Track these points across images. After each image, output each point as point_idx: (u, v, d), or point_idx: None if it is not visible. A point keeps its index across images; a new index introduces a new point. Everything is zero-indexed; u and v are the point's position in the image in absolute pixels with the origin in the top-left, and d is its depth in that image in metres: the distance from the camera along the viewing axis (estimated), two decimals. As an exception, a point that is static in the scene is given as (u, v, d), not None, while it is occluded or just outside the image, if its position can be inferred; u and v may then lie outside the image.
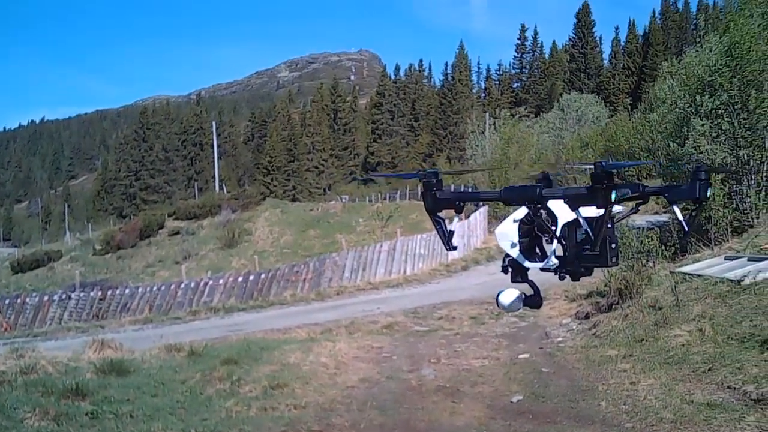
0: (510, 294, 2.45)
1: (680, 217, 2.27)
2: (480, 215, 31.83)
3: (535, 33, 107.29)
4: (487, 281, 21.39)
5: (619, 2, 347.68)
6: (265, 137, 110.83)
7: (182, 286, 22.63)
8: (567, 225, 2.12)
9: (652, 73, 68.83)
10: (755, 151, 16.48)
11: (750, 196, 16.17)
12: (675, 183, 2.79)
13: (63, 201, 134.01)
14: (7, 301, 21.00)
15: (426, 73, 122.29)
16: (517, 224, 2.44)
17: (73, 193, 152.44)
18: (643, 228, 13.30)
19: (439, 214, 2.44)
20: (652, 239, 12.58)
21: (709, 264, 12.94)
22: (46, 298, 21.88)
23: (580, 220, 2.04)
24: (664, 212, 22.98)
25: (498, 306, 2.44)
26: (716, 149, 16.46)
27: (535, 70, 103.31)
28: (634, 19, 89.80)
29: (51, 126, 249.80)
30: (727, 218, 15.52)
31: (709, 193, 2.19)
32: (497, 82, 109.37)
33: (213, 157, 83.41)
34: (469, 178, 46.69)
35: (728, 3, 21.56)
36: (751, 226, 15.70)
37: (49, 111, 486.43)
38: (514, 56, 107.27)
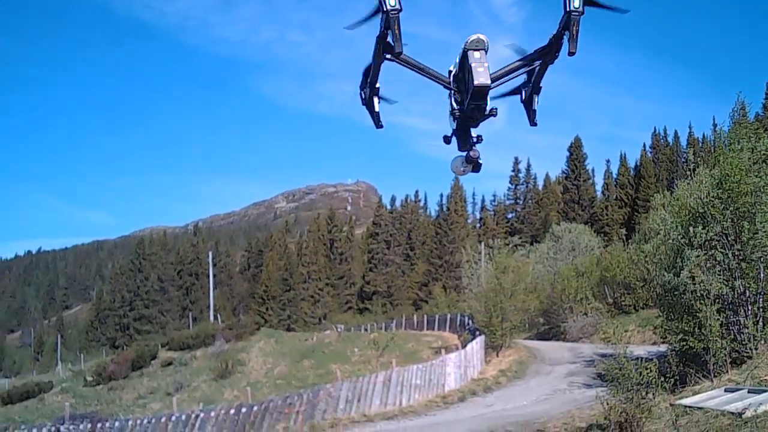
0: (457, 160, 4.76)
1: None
2: (477, 345, 31.55)
3: (528, 165, 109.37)
4: (484, 413, 21.01)
5: (610, 137, 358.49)
6: (261, 267, 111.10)
7: (173, 419, 22.13)
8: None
9: (644, 204, 69.87)
10: (751, 281, 16.52)
11: (747, 327, 16.10)
12: None
13: (56, 331, 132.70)
14: (-7, 435, 20.56)
15: (422, 204, 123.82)
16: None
17: (67, 323, 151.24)
18: (642, 359, 13.17)
19: None
20: (651, 370, 12.42)
21: (709, 396, 12.77)
22: (34, 430, 21.44)
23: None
24: (662, 343, 22.81)
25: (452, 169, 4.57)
26: (712, 280, 16.49)
27: (529, 201, 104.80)
28: (625, 152, 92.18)
29: (47, 256, 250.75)
30: (725, 349, 15.40)
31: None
32: (492, 213, 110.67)
33: (209, 287, 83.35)
34: (466, 306, 46.60)
35: (718, 137, 22.16)
36: (750, 357, 15.56)
37: (46, 241, 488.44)
38: (509, 187, 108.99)
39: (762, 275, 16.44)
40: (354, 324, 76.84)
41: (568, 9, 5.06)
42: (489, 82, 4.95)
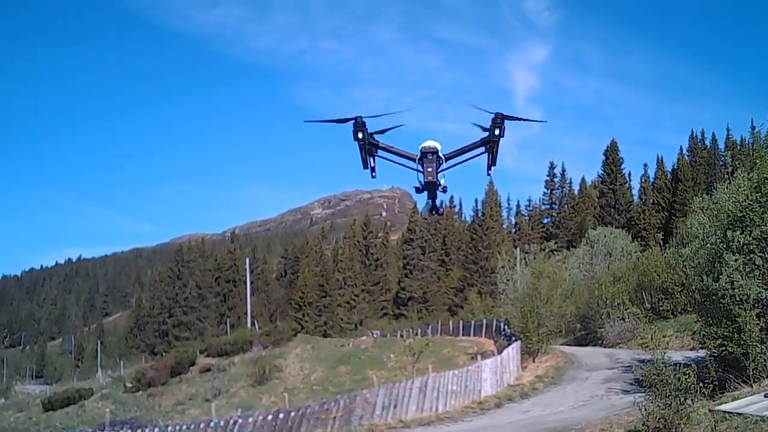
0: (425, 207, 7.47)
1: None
2: (513, 350, 31.37)
3: (563, 170, 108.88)
4: (521, 419, 20.90)
5: (646, 140, 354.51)
6: (298, 273, 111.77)
7: (211, 424, 22.34)
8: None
9: (682, 208, 69.09)
10: (790, 285, 16.34)
11: (787, 332, 15.91)
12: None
13: (96, 338, 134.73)
14: (36, 440, 20.89)
15: (456, 209, 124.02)
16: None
17: (107, 330, 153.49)
18: (680, 364, 13.06)
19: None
20: (689, 376, 12.32)
21: (749, 402, 12.63)
22: (75, 436, 21.81)
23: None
24: (701, 348, 22.54)
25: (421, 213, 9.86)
26: (751, 284, 16.32)
27: (565, 206, 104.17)
28: (662, 156, 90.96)
29: (87, 264, 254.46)
30: (765, 354, 15.22)
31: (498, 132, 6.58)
32: (527, 218, 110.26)
33: (246, 294, 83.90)
34: (501, 312, 46.37)
35: (755, 140, 21.93)
36: (790, 362, 15.35)
37: (86, 249, 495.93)
38: (544, 192, 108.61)
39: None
40: (390, 330, 76.90)
41: (490, 138, 7.38)
42: (434, 179, 7.51)
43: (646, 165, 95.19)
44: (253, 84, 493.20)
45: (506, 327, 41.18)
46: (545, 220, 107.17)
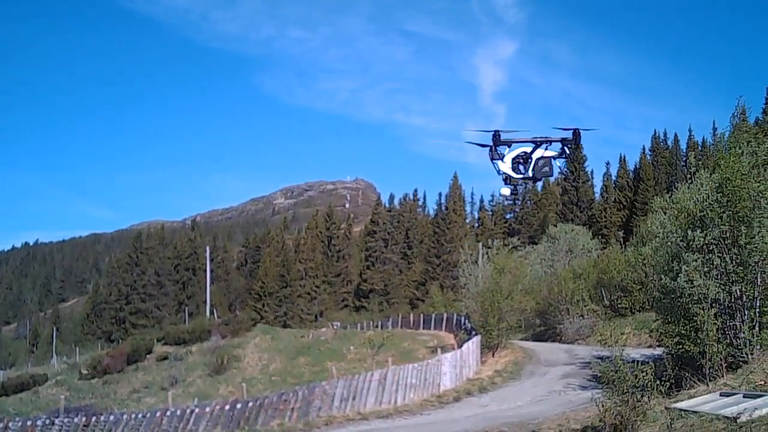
0: (505, 189, 10.66)
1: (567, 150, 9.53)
2: (473, 344, 31.51)
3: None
4: (479, 413, 20.99)
5: (610, 139, 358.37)
6: (259, 263, 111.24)
7: (168, 413, 22.07)
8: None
9: (643, 207, 70.04)
10: (747, 286, 16.52)
11: (744, 332, 16.11)
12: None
13: (52, 324, 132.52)
14: (-12, 426, 20.43)
15: (420, 203, 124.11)
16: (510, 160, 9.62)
17: (63, 316, 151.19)
18: (638, 362, 13.14)
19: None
20: (646, 373, 12.41)
21: (704, 400, 12.77)
22: (29, 423, 21.29)
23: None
24: (658, 346, 22.82)
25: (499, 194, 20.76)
26: (709, 284, 16.50)
27: (528, 202, 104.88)
28: (624, 154, 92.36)
29: (44, 248, 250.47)
30: (721, 354, 15.40)
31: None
32: (490, 213, 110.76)
33: (205, 282, 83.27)
34: (462, 306, 46.57)
35: (718, 141, 22.17)
36: (746, 362, 15.57)
37: (43, 233, 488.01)
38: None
39: (759, 280, 16.44)
40: (350, 322, 76.89)
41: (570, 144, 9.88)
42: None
43: (608, 163, 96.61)
44: (218, 71, 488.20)
45: (467, 321, 41.37)
46: (508, 216, 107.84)
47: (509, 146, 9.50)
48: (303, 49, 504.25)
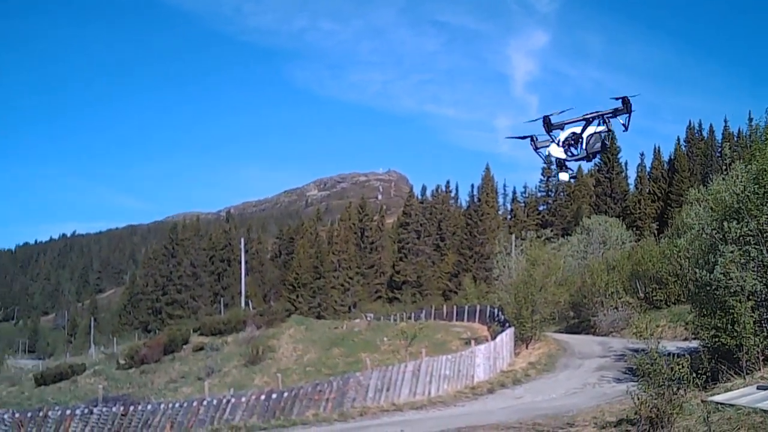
0: (563, 174, 10.07)
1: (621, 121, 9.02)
2: (506, 336, 31.47)
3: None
4: (513, 405, 20.99)
5: (644, 129, 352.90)
6: (292, 254, 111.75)
7: (204, 403, 22.38)
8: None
9: (678, 198, 69.18)
10: (785, 278, 16.38)
11: (781, 324, 15.98)
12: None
13: (89, 314, 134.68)
14: (29, 415, 20.78)
15: (453, 194, 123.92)
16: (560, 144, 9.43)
17: (100, 306, 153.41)
18: (674, 354, 13.09)
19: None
20: (683, 366, 12.36)
21: (741, 393, 12.70)
22: (68, 412, 21.65)
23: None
24: (694, 338, 22.64)
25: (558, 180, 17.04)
26: (746, 276, 16.35)
27: (561, 194, 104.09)
28: (659, 145, 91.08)
29: (82, 240, 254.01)
30: (758, 346, 15.29)
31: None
32: (523, 204, 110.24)
33: (240, 273, 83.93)
34: (496, 298, 46.51)
35: (754, 132, 21.90)
36: (784, 355, 15.44)
37: (81, 225, 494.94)
38: (540, 179, 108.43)
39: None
40: (383, 313, 77.05)
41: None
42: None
43: (642, 154, 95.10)
44: (249, 63, 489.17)
45: (500, 313, 41.31)
46: (541, 208, 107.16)
47: (562, 129, 9.46)
48: (334, 41, 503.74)
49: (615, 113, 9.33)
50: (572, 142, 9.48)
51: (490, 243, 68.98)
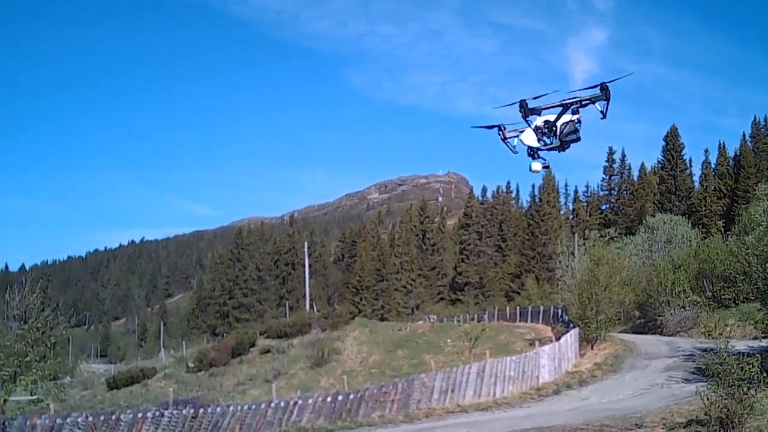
0: (536, 164, 9.26)
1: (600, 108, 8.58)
2: (571, 337, 31.27)
3: (623, 155, 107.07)
4: (579, 406, 20.88)
5: (708, 125, 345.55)
6: (355, 257, 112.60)
7: (272, 405, 22.73)
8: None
9: (744, 195, 67.73)
10: None
11: None
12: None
13: (159, 319, 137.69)
14: (102, 418, 21.32)
15: (513, 195, 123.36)
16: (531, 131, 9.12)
17: (169, 311, 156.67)
18: (743, 354, 12.94)
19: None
20: (753, 365, 12.24)
21: (814, 392, 12.51)
22: (140, 415, 22.09)
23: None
24: (764, 337, 22.23)
25: (530, 170, 9.17)
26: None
27: (624, 192, 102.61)
28: (724, 141, 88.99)
29: (150, 246, 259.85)
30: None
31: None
32: (585, 204, 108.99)
33: (304, 277, 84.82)
34: (559, 298, 46.15)
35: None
36: None
37: (149, 231, 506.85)
38: (602, 178, 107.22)
39: None
40: (446, 315, 77.09)
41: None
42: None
43: (707, 151, 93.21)
44: (309, 68, 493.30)
45: (564, 314, 41.01)
46: (603, 207, 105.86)
47: (539, 114, 9.03)
48: (392, 44, 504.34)
49: (593, 100, 9.03)
50: (545, 130, 9.16)
51: (553, 243, 68.22)
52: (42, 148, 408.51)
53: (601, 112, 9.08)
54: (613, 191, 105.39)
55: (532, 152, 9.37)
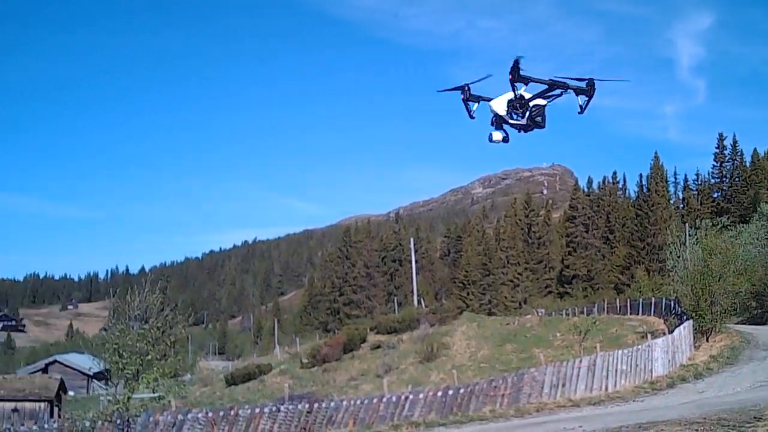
0: (497, 133, 9.07)
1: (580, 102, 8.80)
2: (684, 330, 30.67)
3: (734, 141, 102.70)
4: (695, 400, 20.52)
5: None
6: (461, 252, 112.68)
7: (384, 400, 23.25)
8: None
9: None
10: None
11: None
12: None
13: (273, 316, 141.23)
14: (221, 414, 22.21)
15: (620, 185, 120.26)
16: (505, 101, 8.79)
17: (282, 308, 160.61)
18: None
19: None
20: None
21: None
22: (257, 410, 22.84)
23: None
24: None
25: (490, 140, 9.06)
26: None
27: (736, 179, 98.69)
28: None
29: (263, 245, 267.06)
30: None
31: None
32: (695, 192, 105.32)
33: (411, 273, 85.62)
34: (671, 290, 45.14)
35: None
36: None
37: (261, 231, 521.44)
38: (713, 165, 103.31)
39: None
40: (554, 308, 76.34)
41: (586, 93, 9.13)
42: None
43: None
44: (409, 65, 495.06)
45: (677, 305, 40.14)
46: (715, 195, 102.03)
47: (525, 84, 8.66)
48: (492, 38, 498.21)
49: (577, 91, 8.97)
50: (517, 105, 8.91)
51: (663, 233, 66.59)
52: (160, 155, 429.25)
53: (580, 106, 9.10)
54: (724, 178, 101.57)
55: (498, 121, 9.15)
